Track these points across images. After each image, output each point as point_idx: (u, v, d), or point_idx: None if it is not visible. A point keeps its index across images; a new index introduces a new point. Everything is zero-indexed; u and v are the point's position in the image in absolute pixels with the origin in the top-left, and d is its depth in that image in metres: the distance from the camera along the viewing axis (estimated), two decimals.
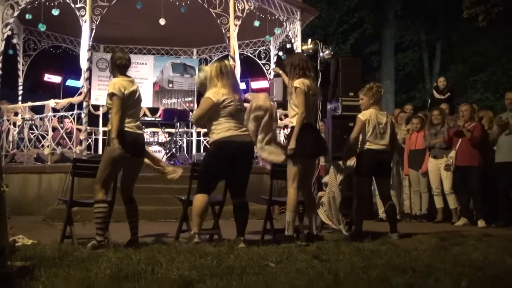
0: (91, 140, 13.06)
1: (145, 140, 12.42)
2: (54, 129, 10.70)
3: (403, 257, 4.27)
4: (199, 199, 5.20)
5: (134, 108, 5.22)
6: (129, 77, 5.30)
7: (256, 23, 11.60)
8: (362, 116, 6.10)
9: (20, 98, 12.80)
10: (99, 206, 5.03)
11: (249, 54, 14.21)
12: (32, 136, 10.71)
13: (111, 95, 5.04)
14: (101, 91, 13.10)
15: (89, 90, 10.69)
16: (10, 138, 10.82)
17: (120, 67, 5.27)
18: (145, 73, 14.09)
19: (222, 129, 5.23)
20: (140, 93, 5.38)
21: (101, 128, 13.62)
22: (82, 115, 10.11)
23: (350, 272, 3.63)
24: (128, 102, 5.11)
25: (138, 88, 5.33)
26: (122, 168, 5.25)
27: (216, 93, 5.29)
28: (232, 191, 5.41)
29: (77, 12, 10.17)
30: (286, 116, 12.26)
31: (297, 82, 5.57)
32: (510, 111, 7.94)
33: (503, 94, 8.08)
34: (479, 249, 4.80)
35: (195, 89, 14.35)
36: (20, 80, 13.07)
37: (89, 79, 10.63)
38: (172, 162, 11.71)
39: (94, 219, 5.07)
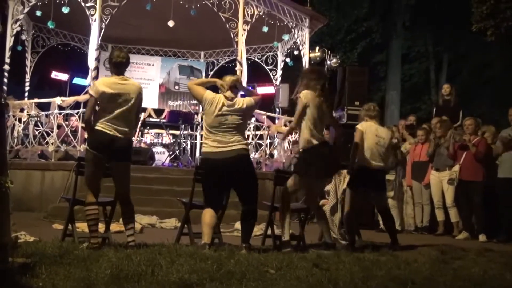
0: None
1: (150, 141, 12.63)
2: (59, 126, 10.72)
3: (403, 269, 4.26)
4: (208, 214, 5.18)
5: (117, 109, 5.02)
6: (124, 77, 5.17)
7: (265, 29, 11.62)
8: (360, 126, 6.19)
9: (26, 94, 12.85)
10: (88, 209, 5.01)
11: (256, 59, 14.23)
12: (37, 133, 10.73)
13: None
14: None
15: None
16: (15, 134, 10.85)
17: (115, 65, 5.17)
18: (152, 74, 14.14)
19: (204, 143, 5.31)
20: (136, 96, 5.13)
21: None
22: None
23: (349, 281, 3.62)
24: (105, 102, 5.04)
25: (131, 91, 5.10)
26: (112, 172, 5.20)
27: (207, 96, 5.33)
28: (241, 198, 5.37)
29: (87, 11, 10.20)
30: (291, 122, 12.30)
31: (302, 93, 5.57)
32: None
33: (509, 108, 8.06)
34: (479, 264, 4.79)
35: None
36: (27, 76, 13.13)
37: (96, 78, 10.65)
38: (175, 164, 11.74)
39: (86, 221, 5.06)
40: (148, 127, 13.10)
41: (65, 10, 10.59)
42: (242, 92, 6.10)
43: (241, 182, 5.30)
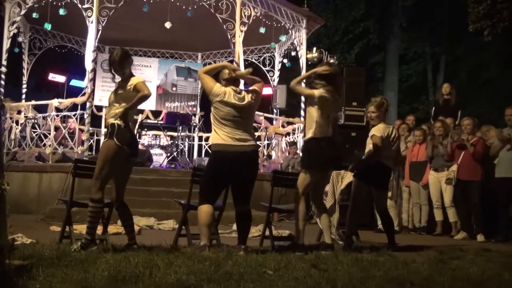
0: (93, 141, 13.09)
1: (147, 143, 12.68)
2: (57, 128, 10.72)
3: (401, 269, 4.25)
4: (205, 210, 5.06)
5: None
6: None
7: (262, 30, 11.63)
8: (377, 132, 6.00)
9: (23, 96, 12.84)
10: (95, 206, 4.84)
11: (253, 60, 14.25)
12: (34, 135, 10.71)
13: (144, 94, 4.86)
14: (104, 92, 13.16)
15: (92, 91, 10.75)
16: (12, 136, 10.84)
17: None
18: (149, 75, 14.12)
19: (216, 135, 5.14)
20: None
21: (103, 129, 13.62)
22: (85, 116, 10.13)
23: (348, 282, 3.61)
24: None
25: None
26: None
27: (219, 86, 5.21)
28: (235, 198, 5.31)
29: (84, 12, 10.20)
30: (288, 123, 12.31)
31: (319, 92, 5.52)
32: (511, 127, 7.92)
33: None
34: (477, 264, 4.78)
35: (199, 94, 14.40)
36: (25, 79, 13.14)
37: (93, 80, 10.68)
38: (173, 166, 11.73)
39: (88, 217, 4.90)
40: (145, 129, 13.10)
41: (62, 12, 10.58)
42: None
43: (246, 180, 5.24)
